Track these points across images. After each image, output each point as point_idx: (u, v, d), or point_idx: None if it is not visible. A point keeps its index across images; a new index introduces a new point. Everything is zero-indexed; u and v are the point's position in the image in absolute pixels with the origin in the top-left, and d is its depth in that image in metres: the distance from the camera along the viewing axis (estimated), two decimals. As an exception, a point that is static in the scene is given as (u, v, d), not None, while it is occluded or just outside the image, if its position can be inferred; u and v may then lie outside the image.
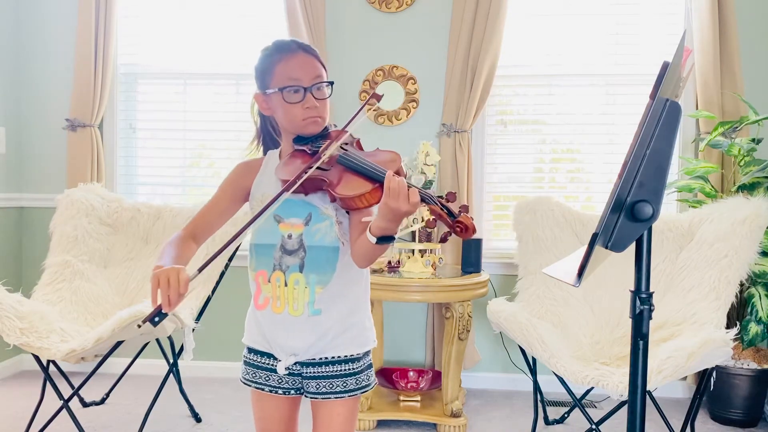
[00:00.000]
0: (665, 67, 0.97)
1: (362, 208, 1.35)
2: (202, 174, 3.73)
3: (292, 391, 1.50)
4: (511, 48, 3.42)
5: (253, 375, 1.51)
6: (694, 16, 3.24)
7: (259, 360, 1.50)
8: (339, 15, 3.46)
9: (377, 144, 1.57)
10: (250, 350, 1.52)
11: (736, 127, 3.08)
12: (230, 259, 2.84)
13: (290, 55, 1.45)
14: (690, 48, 3.18)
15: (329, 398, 1.47)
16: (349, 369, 1.47)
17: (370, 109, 1.48)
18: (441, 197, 1.29)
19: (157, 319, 1.24)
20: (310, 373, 1.47)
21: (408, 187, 1.24)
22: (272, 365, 1.48)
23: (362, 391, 1.49)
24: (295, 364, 1.47)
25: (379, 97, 1.49)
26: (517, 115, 3.55)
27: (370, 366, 1.52)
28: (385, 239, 1.30)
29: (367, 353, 1.51)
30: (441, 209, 1.26)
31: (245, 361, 1.53)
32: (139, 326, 1.25)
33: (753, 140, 3.00)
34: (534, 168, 3.53)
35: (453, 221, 1.24)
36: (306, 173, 1.34)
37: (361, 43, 3.45)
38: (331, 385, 1.46)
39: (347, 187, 1.34)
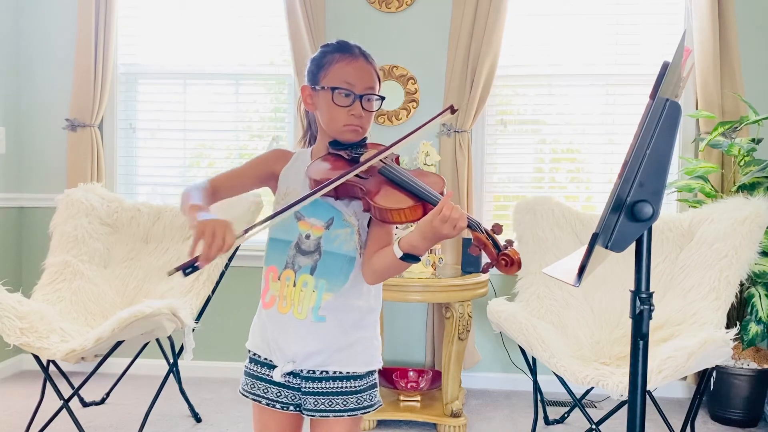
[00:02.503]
0: (665, 67, 0.97)
1: (397, 223, 1.32)
2: (202, 174, 3.73)
3: (291, 407, 1.44)
4: (511, 48, 3.42)
5: (252, 386, 1.46)
6: (694, 16, 3.24)
7: (258, 370, 1.45)
8: (339, 15, 3.46)
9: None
10: (251, 360, 1.48)
11: (736, 127, 3.08)
12: (230, 259, 2.84)
13: (351, 58, 1.44)
14: (690, 48, 3.18)
15: (327, 416, 1.41)
16: (351, 387, 1.41)
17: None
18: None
19: (189, 270, 1.17)
20: (309, 388, 1.41)
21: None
22: (271, 376, 1.43)
23: (363, 411, 1.42)
24: (294, 377, 1.42)
25: (454, 110, 1.45)
26: (517, 115, 3.55)
27: (374, 386, 1.46)
28: (410, 258, 1.29)
29: (371, 372, 1.45)
30: (487, 239, 1.23)
31: (245, 372, 1.49)
32: (170, 273, 1.18)
33: (753, 140, 3.00)
34: (534, 168, 3.53)
35: (498, 254, 1.22)
36: (345, 177, 1.32)
37: (360, 43, 3.44)
38: (330, 403, 1.40)
39: (387, 200, 1.31)
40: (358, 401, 1.42)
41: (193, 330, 2.56)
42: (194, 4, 3.64)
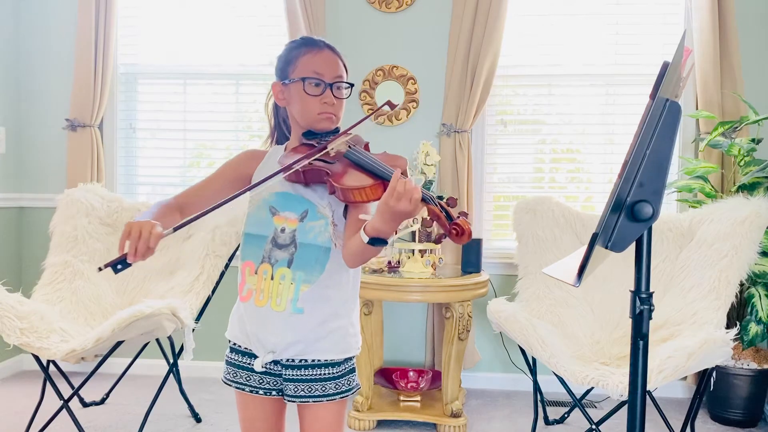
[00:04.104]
0: (665, 67, 0.97)
1: (360, 203, 1.34)
2: (202, 174, 3.72)
3: (273, 392, 1.48)
4: (511, 48, 3.42)
5: (234, 375, 1.50)
6: (694, 16, 3.24)
7: (239, 360, 1.49)
8: (339, 15, 3.46)
9: (378, 144, 1.57)
10: (232, 350, 1.52)
11: (736, 127, 3.08)
12: (230, 259, 2.84)
13: (317, 50, 1.47)
14: (690, 48, 3.18)
15: (307, 402, 1.45)
16: (329, 373, 1.45)
17: (379, 115, 1.48)
18: (441, 198, 1.29)
19: (119, 266, 1.24)
20: (290, 375, 1.45)
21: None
22: (252, 365, 1.46)
23: (341, 396, 1.46)
24: (275, 364, 1.45)
25: (393, 106, 1.48)
26: (517, 115, 3.55)
27: (351, 371, 1.49)
28: (379, 241, 1.29)
29: (349, 358, 1.48)
30: (440, 211, 1.26)
31: (227, 361, 1.52)
32: (100, 269, 1.25)
33: (753, 140, 3.00)
34: (534, 168, 3.53)
35: (450, 224, 1.24)
36: (309, 159, 1.35)
37: (361, 43, 3.46)
38: (309, 389, 1.44)
39: (349, 180, 1.34)
40: (337, 386, 1.46)
41: (193, 330, 2.56)
42: (194, 4, 3.64)
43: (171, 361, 2.76)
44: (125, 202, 3.11)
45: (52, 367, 2.58)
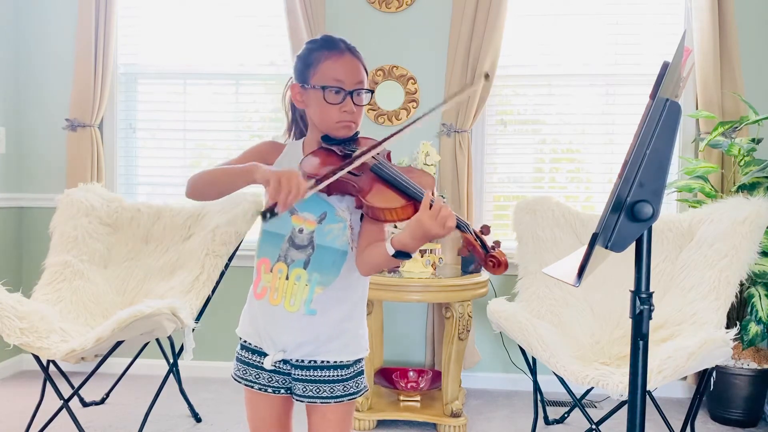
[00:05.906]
0: (665, 67, 0.97)
1: (388, 222, 1.34)
2: (202, 174, 3.72)
3: (282, 391, 1.49)
4: (511, 48, 3.42)
5: (244, 372, 1.50)
6: (694, 16, 3.24)
7: (250, 357, 1.49)
8: (339, 15, 3.46)
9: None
10: (243, 347, 1.52)
11: (736, 127, 3.08)
12: (230, 259, 2.84)
13: (338, 55, 1.45)
14: (690, 48, 3.18)
15: (315, 403, 1.45)
16: (338, 375, 1.45)
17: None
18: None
19: (269, 215, 1.24)
20: (299, 375, 1.45)
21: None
22: (262, 363, 1.47)
23: (350, 398, 1.46)
24: (284, 363, 1.46)
25: (488, 77, 1.46)
26: (517, 115, 3.55)
27: (360, 373, 1.50)
28: (402, 255, 1.30)
29: (358, 360, 1.49)
30: (475, 240, 1.26)
31: (237, 358, 1.53)
32: (254, 215, 1.24)
33: (753, 140, 3.00)
34: (534, 168, 3.53)
35: (486, 254, 1.24)
36: (334, 174, 1.33)
37: (361, 43, 3.42)
38: (317, 390, 1.44)
39: (379, 198, 1.33)
40: (345, 389, 1.46)
41: (193, 330, 2.56)
42: (194, 4, 3.64)
43: (171, 361, 2.76)
44: (125, 202, 3.11)
45: (52, 367, 2.58)
